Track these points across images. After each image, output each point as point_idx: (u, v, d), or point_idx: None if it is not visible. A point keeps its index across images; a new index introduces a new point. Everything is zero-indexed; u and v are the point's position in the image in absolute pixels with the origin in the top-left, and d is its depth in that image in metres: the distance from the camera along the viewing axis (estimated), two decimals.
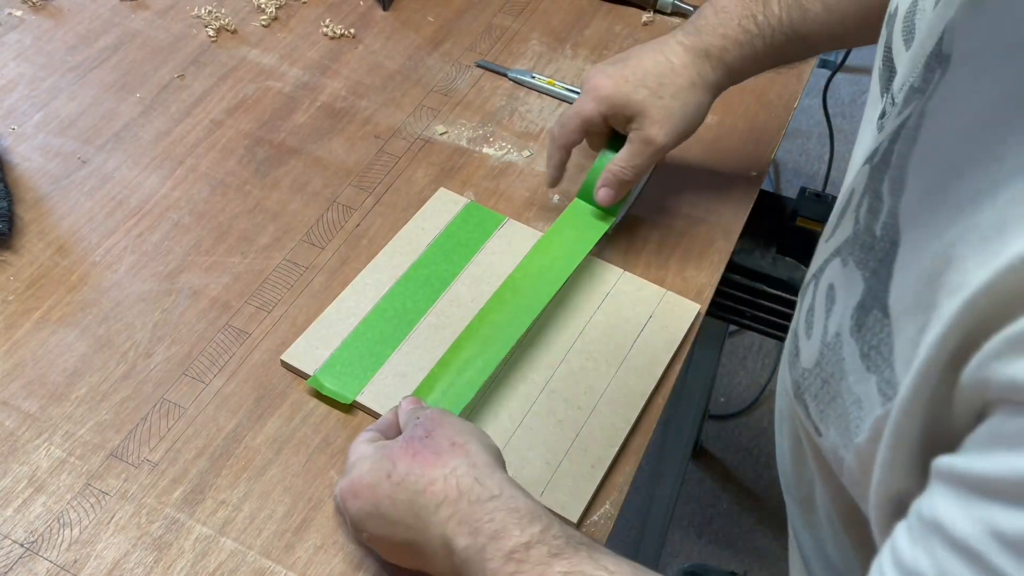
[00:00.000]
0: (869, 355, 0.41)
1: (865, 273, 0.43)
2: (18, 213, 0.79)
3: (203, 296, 0.75)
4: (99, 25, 0.97)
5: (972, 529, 0.32)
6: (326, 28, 0.98)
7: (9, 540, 0.61)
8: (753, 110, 0.94)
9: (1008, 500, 0.31)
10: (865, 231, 0.44)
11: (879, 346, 0.40)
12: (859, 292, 0.43)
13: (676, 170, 0.88)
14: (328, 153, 0.87)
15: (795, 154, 2.19)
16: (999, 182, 0.34)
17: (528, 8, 1.03)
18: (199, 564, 0.61)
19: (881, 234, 0.43)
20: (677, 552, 1.56)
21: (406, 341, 0.72)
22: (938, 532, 0.34)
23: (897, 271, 0.40)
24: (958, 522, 0.32)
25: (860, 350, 0.42)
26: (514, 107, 0.92)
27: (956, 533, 0.33)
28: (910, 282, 0.39)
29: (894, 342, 0.39)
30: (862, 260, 0.44)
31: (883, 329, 0.40)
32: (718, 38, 0.73)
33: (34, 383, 0.69)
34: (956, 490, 0.33)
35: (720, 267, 0.81)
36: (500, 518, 0.51)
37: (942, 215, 0.37)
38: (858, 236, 0.45)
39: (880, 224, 0.43)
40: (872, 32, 0.72)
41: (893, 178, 0.43)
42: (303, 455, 0.67)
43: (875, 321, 0.41)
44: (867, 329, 0.41)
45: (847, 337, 0.43)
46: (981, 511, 0.32)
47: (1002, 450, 0.32)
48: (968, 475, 0.33)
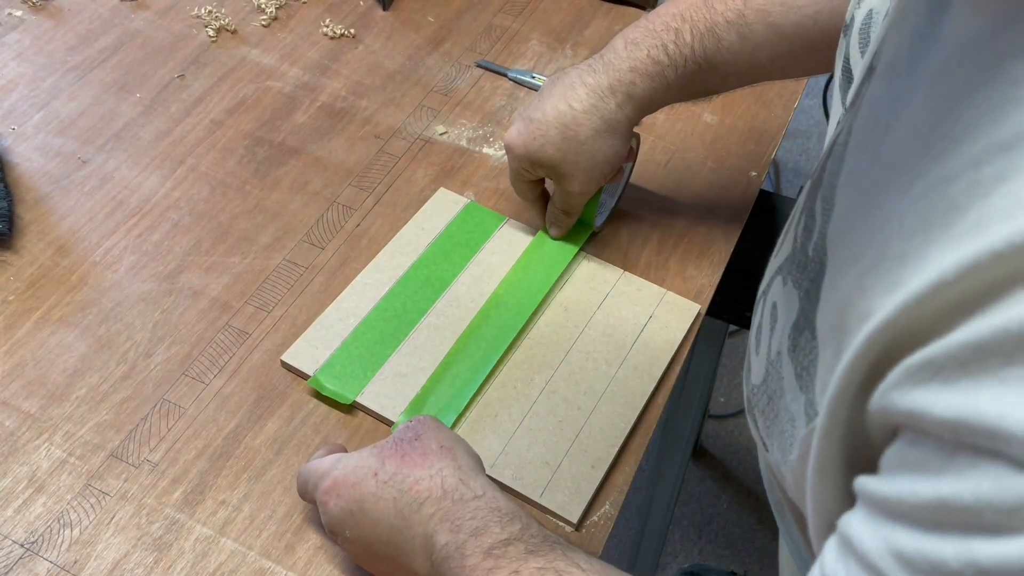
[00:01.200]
0: (801, 375, 0.42)
1: (800, 293, 0.44)
2: (18, 213, 0.79)
3: (203, 296, 0.75)
4: (99, 25, 0.97)
5: (877, 547, 0.33)
6: (326, 28, 0.98)
7: (9, 540, 0.61)
8: (753, 110, 0.94)
9: (908, 522, 0.32)
10: (800, 250, 0.45)
11: (808, 367, 0.41)
12: (795, 312, 0.44)
13: (676, 170, 0.88)
14: (328, 153, 0.87)
15: (795, 154, 2.19)
16: (904, 210, 0.34)
17: (528, 8, 1.03)
18: (199, 564, 0.61)
19: (812, 255, 0.43)
20: (677, 552, 1.56)
21: (406, 341, 0.72)
22: (851, 549, 0.34)
23: (824, 293, 0.41)
24: (866, 540, 0.33)
25: (795, 370, 0.43)
26: (514, 107, 0.92)
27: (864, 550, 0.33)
28: (832, 307, 0.39)
29: (817, 365, 0.40)
30: (798, 280, 0.44)
31: (812, 351, 0.41)
32: (625, 73, 0.71)
33: (34, 383, 0.69)
34: (867, 510, 0.34)
35: (720, 267, 0.81)
36: (482, 516, 0.51)
37: (860, 240, 0.37)
38: (795, 255, 0.46)
39: (812, 244, 0.43)
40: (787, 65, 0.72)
41: (824, 197, 0.43)
42: (303, 455, 0.67)
43: (806, 342, 0.41)
44: (800, 350, 0.42)
45: (786, 356, 0.44)
46: (886, 531, 0.32)
47: (904, 475, 0.33)
48: (876, 496, 0.34)
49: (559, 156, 0.72)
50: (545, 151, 0.72)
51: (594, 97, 0.71)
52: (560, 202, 0.77)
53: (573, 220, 0.78)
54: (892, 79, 0.40)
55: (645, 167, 0.88)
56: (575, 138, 0.71)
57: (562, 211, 0.77)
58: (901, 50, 0.39)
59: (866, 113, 0.41)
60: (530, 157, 0.73)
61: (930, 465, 0.31)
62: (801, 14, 0.68)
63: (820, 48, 0.69)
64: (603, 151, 0.72)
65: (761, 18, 0.68)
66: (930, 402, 0.31)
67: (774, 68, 0.72)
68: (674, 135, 0.91)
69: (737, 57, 0.70)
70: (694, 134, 0.91)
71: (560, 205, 0.77)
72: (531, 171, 0.75)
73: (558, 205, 0.77)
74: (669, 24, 0.70)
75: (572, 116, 0.71)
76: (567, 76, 0.73)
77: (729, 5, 0.69)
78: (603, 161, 0.73)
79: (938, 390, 0.31)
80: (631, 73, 0.70)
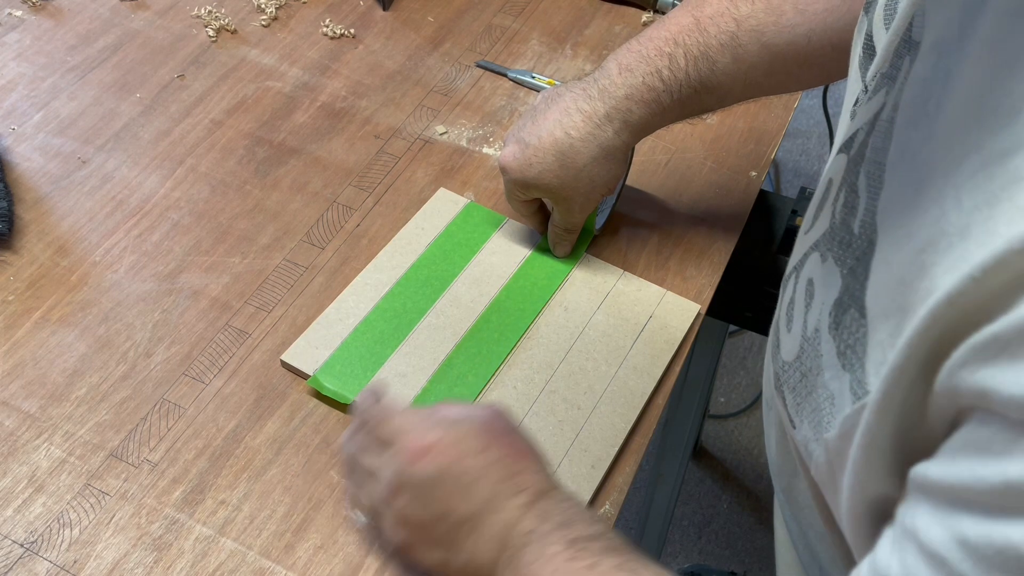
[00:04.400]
0: (845, 353, 0.41)
1: (843, 270, 0.43)
2: (18, 213, 0.79)
3: (203, 296, 0.75)
4: (99, 25, 0.97)
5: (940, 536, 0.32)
6: (326, 28, 0.98)
7: (9, 540, 0.61)
8: (753, 110, 0.94)
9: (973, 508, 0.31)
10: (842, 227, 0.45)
11: (855, 345, 0.40)
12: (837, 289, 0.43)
13: (676, 170, 0.88)
14: (328, 153, 0.87)
15: (795, 154, 2.19)
16: (961, 185, 0.34)
17: (528, 8, 1.03)
18: (199, 564, 0.61)
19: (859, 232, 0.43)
20: (677, 552, 1.56)
21: (406, 341, 0.72)
22: (912, 539, 0.34)
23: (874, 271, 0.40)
24: (930, 529, 0.33)
25: (837, 347, 0.42)
26: (514, 107, 0.92)
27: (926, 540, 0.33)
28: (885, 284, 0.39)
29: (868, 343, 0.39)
30: (840, 257, 0.44)
31: (859, 329, 0.40)
32: (621, 100, 0.70)
33: (34, 383, 0.69)
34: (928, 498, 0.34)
35: (720, 267, 0.81)
36: (571, 513, 0.52)
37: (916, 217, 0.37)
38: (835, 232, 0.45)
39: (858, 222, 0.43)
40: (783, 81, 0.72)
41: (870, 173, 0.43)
42: (303, 455, 0.67)
43: (852, 320, 0.41)
44: (844, 327, 0.42)
45: (825, 333, 0.43)
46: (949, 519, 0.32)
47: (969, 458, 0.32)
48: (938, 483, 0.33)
49: (557, 183, 0.72)
50: (543, 178, 0.72)
51: (591, 125, 0.70)
52: (560, 222, 0.77)
53: (575, 236, 0.78)
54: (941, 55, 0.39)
55: (645, 167, 0.88)
56: (573, 165, 0.71)
57: (564, 230, 0.77)
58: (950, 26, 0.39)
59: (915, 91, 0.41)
60: (526, 183, 0.73)
61: (996, 446, 0.31)
62: (795, 33, 0.67)
63: (816, 64, 0.68)
64: (601, 176, 0.73)
65: (755, 39, 0.68)
66: (996, 380, 0.30)
67: (770, 85, 0.72)
68: (674, 135, 0.91)
69: (732, 79, 0.70)
70: (694, 134, 0.91)
71: (561, 225, 0.77)
72: (526, 193, 0.75)
73: (559, 225, 0.77)
74: (662, 49, 0.70)
75: (569, 144, 0.71)
76: (562, 100, 0.72)
77: (722, 27, 0.68)
78: (601, 185, 0.73)
79: (1005, 367, 0.30)
80: (627, 100, 0.70)
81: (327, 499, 0.64)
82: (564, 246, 0.78)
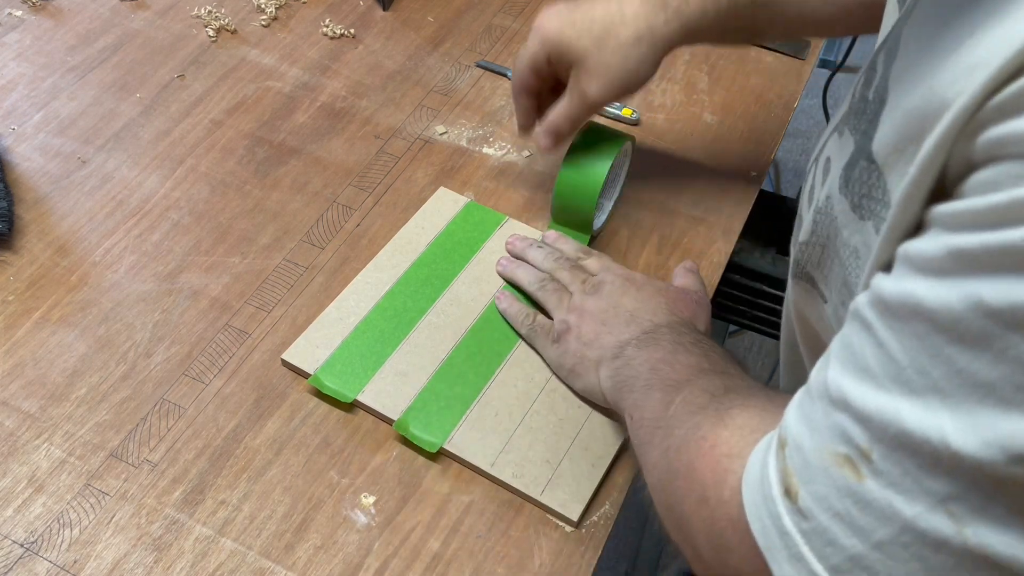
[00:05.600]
0: (860, 204, 0.43)
1: (856, 136, 0.45)
2: (18, 213, 0.79)
3: (203, 296, 0.75)
4: (99, 25, 0.97)
5: (951, 298, 0.33)
6: (326, 28, 0.98)
7: (9, 540, 0.61)
8: (753, 110, 0.94)
9: (985, 269, 0.32)
10: (859, 100, 0.47)
11: (870, 192, 0.42)
12: (848, 153, 0.45)
13: (676, 170, 0.88)
14: (328, 153, 0.87)
15: (795, 154, 2.19)
16: (977, 23, 0.35)
17: (528, 8, 1.03)
18: (199, 564, 0.61)
19: (873, 97, 0.44)
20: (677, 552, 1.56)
21: (406, 340, 0.72)
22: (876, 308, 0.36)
23: (882, 123, 0.42)
24: (940, 297, 0.33)
25: (851, 202, 0.44)
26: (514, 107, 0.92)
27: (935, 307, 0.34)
28: (893, 126, 0.40)
29: (887, 181, 0.41)
30: (855, 125, 0.46)
31: (871, 176, 0.42)
32: None
33: (34, 383, 0.69)
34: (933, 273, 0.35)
35: (720, 267, 0.81)
36: (707, 345, 0.62)
37: (926, 64, 0.38)
38: (853, 107, 0.47)
39: (873, 89, 0.45)
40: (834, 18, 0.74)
41: (888, 49, 0.45)
42: (303, 455, 0.67)
43: (861, 171, 0.43)
44: (854, 181, 0.44)
45: (837, 196, 0.46)
46: (961, 285, 0.33)
47: (972, 199, 0.33)
48: (958, 249, 0.34)
49: (592, 50, 0.70)
50: (580, 42, 0.70)
51: (647, 4, 0.70)
52: (569, 106, 0.73)
53: (561, 140, 0.76)
54: None
55: (645, 167, 0.88)
56: (616, 37, 0.70)
57: (567, 117, 0.74)
58: None
59: None
60: (561, 43, 0.71)
61: (1005, 182, 0.32)
62: None
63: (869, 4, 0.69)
64: (635, 59, 0.71)
65: None
66: (1012, 126, 0.32)
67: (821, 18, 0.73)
68: (674, 135, 0.91)
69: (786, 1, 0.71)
70: (694, 134, 0.91)
71: (567, 109, 0.74)
72: (554, 58, 0.73)
73: (565, 110, 0.74)
74: None
75: (620, 16, 0.70)
76: None
77: None
78: (633, 69, 0.71)
79: None
80: None
81: (327, 499, 0.64)
82: (553, 138, 0.76)
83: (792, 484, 0.39)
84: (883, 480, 0.35)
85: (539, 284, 0.74)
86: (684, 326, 0.66)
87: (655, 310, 0.68)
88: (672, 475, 0.50)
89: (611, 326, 0.68)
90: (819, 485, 0.37)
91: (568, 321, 0.70)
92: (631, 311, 0.68)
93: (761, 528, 0.40)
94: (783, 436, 0.40)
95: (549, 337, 0.71)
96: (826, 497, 0.37)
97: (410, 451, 0.67)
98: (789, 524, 0.38)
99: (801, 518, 0.38)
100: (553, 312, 0.72)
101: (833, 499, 0.37)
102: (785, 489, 0.39)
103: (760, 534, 0.40)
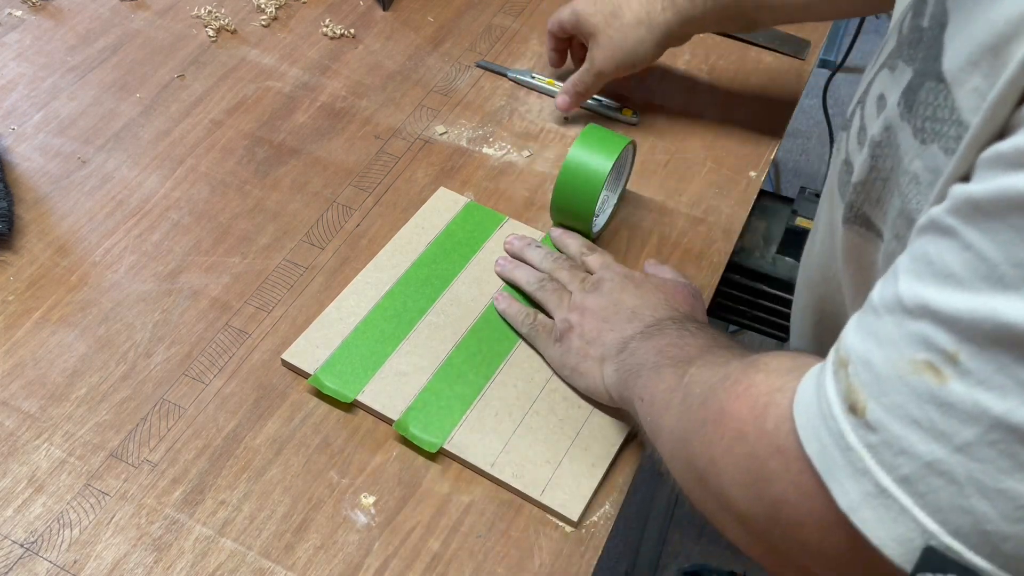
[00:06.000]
0: (924, 128, 0.43)
1: (915, 64, 0.45)
2: (18, 213, 0.79)
3: (203, 296, 0.75)
4: (99, 25, 0.97)
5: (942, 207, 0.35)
6: (326, 28, 0.98)
7: (9, 540, 0.61)
8: (753, 110, 0.94)
9: None
10: (911, 31, 0.47)
11: (935, 114, 0.42)
12: (905, 81, 0.45)
13: (676, 170, 0.88)
14: (328, 153, 0.87)
15: (795, 154, 2.19)
16: None
17: (528, 8, 1.03)
18: (199, 564, 0.61)
19: (929, 24, 0.44)
20: (677, 552, 1.56)
21: (406, 340, 0.72)
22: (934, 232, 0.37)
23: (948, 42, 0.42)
24: None
25: (913, 128, 0.44)
26: (514, 107, 0.92)
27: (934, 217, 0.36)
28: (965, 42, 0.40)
29: (955, 99, 0.41)
30: (910, 56, 0.46)
31: (938, 97, 0.42)
32: None
33: (34, 383, 0.69)
34: None
35: (720, 267, 0.81)
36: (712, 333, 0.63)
37: None
38: (904, 40, 0.47)
39: (927, 16, 0.45)
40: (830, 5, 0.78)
41: None
42: (303, 455, 0.67)
43: (927, 93, 0.43)
44: (919, 105, 0.43)
45: (897, 123, 0.46)
46: None
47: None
48: None
49: (602, 26, 0.85)
50: (596, 16, 0.85)
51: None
52: (581, 71, 0.88)
53: (579, 101, 0.89)
54: None
55: (645, 167, 0.88)
56: (621, 17, 0.84)
57: (578, 80, 0.88)
58: None
59: None
60: (580, 14, 0.86)
61: None
62: None
63: None
64: (633, 40, 0.84)
65: None
66: None
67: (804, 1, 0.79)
68: (674, 135, 0.91)
69: None
70: (694, 134, 0.91)
71: (579, 74, 0.88)
72: (576, 27, 0.87)
73: (577, 75, 0.88)
74: None
75: (627, 1, 0.84)
76: None
77: None
78: (632, 49, 0.84)
79: None
80: None
81: (327, 499, 0.64)
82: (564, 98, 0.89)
83: (858, 400, 0.38)
84: (970, 380, 0.35)
85: (538, 284, 0.74)
86: (686, 319, 0.67)
87: (656, 306, 0.69)
88: (697, 426, 0.50)
89: (613, 323, 0.68)
90: (893, 396, 0.37)
91: (570, 320, 0.70)
92: (632, 308, 0.68)
93: (819, 448, 0.40)
94: (843, 357, 0.40)
95: (551, 336, 0.71)
96: (901, 406, 0.37)
97: (410, 451, 0.67)
98: (853, 440, 0.38)
99: (868, 432, 0.38)
100: (554, 312, 0.72)
101: (910, 407, 0.36)
102: (849, 406, 0.39)
103: (817, 455, 0.40)
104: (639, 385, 0.61)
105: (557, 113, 0.92)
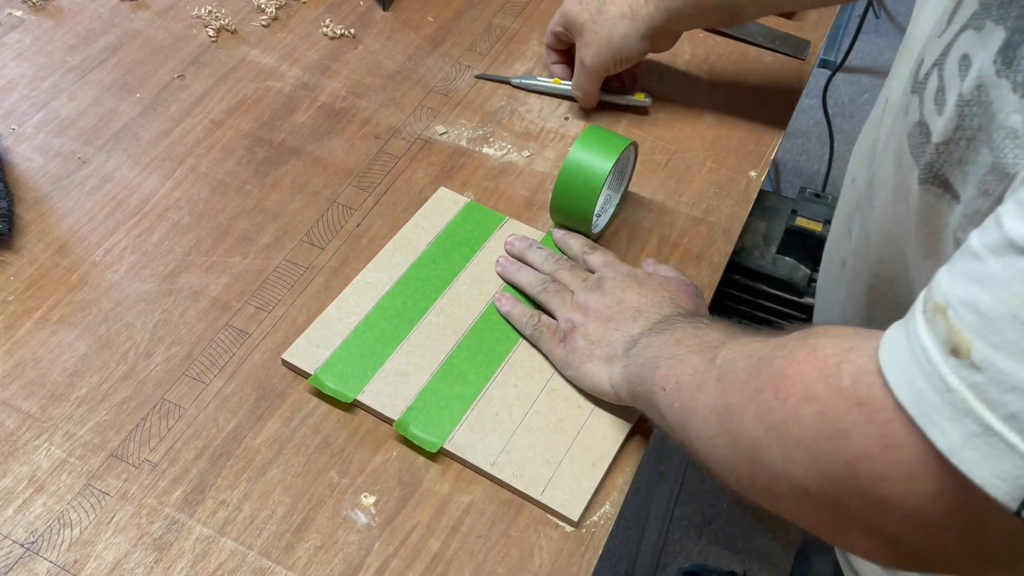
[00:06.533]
0: None
1: (1006, 23, 0.45)
2: (18, 213, 0.79)
3: (203, 296, 0.75)
4: (99, 25, 0.97)
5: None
6: (326, 28, 0.98)
7: (9, 540, 0.61)
8: (753, 110, 0.94)
9: None
10: None
11: None
12: (1000, 40, 0.45)
13: (676, 170, 0.88)
14: (328, 153, 0.87)
15: (795, 154, 2.19)
16: None
17: (528, 8, 1.03)
18: (199, 564, 0.61)
19: None
20: (677, 552, 1.56)
21: (407, 340, 0.72)
22: None
23: None
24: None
25: (1012, 83, 0.44)
26: (514, 107, 0.92)
27: None
28: None
29: None
30: (1001, 16, 0.46)
31: None
32: None
33: (34, 383, 0.69)
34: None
35: (720, 267, 0.81)
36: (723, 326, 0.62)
37: None
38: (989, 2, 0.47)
39: None
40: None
41: None
42: (303, 455, 0.67)
43: None
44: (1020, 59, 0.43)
45: (993, 80, 0.45)
46: None
47: None
48: None
49: (588, 23, 0.86)
50: (582, 15, 0.86)
51: None
52: (576, 72, 0.89)
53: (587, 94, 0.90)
54: None
55: (645, 167, 0.88)
56: (606, 12, 0.85)
57: (575, 82, 0.90)
58: None
59: None
60: (568, 15, 0.88)
61: None
62: None
63: None
64: (619, 34, 0.85)
65: None
66: None
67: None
68: (674, 135, 0.91)
69: None
70: (694, 134, 0.91)
71: (574, 76, 0.90)
72: (567, 29, 0.89)
73: (573, 77, 0.91)
74: None
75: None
76: None
77: None
78: (619, 43, 0.85)
79: None
80: None
81: (327, 499, 0.64)
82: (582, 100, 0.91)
83: (962, 342, 0.38)
84: None
85: (541, 286, 0.74)
86: (693, 315, 0.67)
87: (660, 303, 0.69)
88: (745, 398, 0.50)
89: (617, 322, 0.68)
90: (1005, 333, 0.37)
91: (573, 320, 0.70)
92: (636, 306, 0.68)
93: (913, 394, 0.39)
94: (939, 304, 0.40)
95: (555, 337, 0.71)
96: (1016, 342, 0.36)
97: (410, 451, 0.67)
98: (954, 382, 0.38)
99: (974, 371, 0.37)
100: (557, 312, 0.72)
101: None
102: (951, 349, 0.38)
103: (912, 401, 0.39)
104: (658, 376, 0.60)
105: (558, 113, 0.92)
